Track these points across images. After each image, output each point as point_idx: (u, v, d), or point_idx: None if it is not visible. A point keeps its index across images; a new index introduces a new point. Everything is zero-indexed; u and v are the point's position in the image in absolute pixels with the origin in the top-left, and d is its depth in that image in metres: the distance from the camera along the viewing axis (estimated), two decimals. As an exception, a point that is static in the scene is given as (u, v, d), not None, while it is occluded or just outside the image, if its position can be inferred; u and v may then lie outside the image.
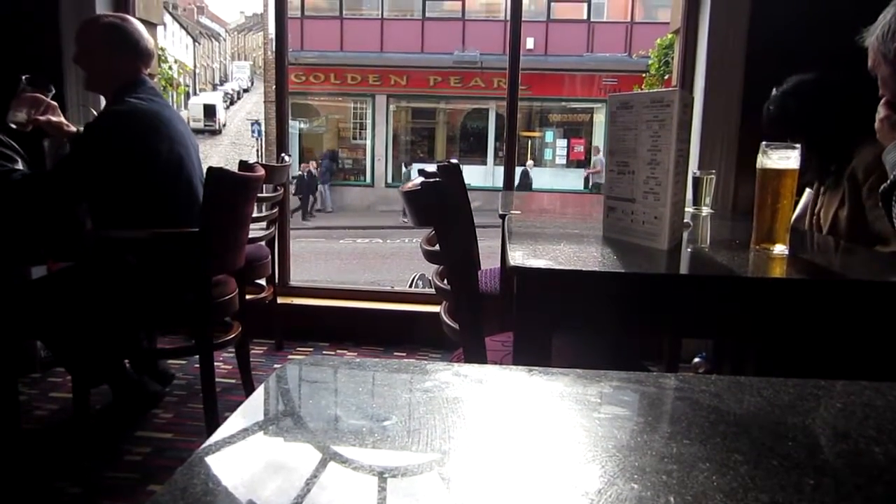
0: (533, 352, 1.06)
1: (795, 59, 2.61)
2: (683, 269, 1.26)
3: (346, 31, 16.56)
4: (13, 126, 2.06)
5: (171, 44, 27.71)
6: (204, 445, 0.45)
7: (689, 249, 1.39)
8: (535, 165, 16.68)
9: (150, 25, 3.18)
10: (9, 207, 1.87)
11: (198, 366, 1.96)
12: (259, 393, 0.57)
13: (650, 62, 11.16)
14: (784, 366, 1.47)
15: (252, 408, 0.56)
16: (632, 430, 0.49)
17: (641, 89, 10.08)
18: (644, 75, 11.89)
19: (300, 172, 15.51)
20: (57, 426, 2.22)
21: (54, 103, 2.11)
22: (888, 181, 1.40)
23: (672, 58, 3.51)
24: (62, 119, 2.12)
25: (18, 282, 2.34)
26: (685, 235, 1.50)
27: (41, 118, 2.04)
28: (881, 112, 1.54)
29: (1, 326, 1.92)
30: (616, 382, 0.58)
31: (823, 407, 0.53)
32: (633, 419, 0.51)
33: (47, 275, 2.35)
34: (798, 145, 1.26)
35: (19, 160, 2.13)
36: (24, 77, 2.10)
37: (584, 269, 1.06)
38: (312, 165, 16.08)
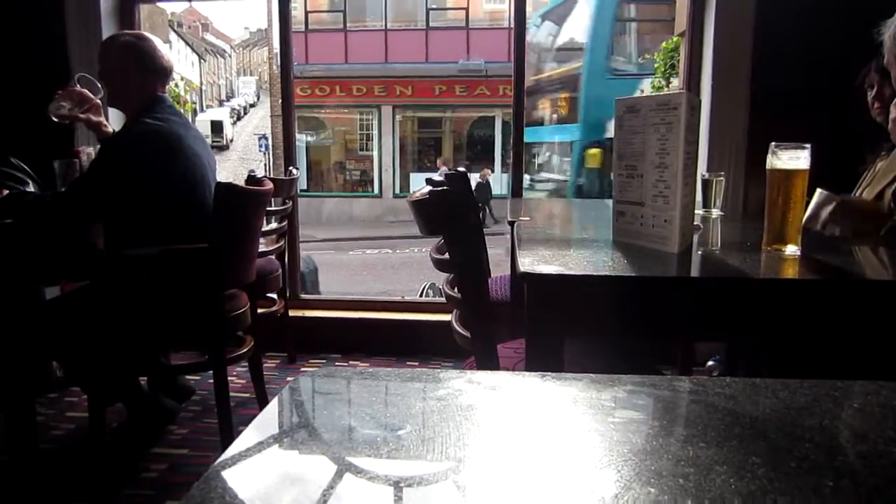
0: (545, 358, 1.06)
1: (802, 59, 2.61)
2: (695, 271, 1.25)
3: (350, 43, 16.67)
4: (53, 118, 2.13)
5: (177, 62, 27.96)
6: (220, 460, 0.46)
7: (699, 252, 1.38)
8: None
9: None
10: (22, 229, 1.89)
11: (211, 381, 1.97)
12: (273, 406, 0.57)
13: (656, 65, 11.14)
14: (799, 367, 1.45)
15: (266, 421, 0.56)
16: (647, 434, 0.49)
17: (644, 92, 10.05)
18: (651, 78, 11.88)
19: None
20: (74, 445, 2.23)
21: (99, 103, 2.21)
22: None
23: (678, 60, 3.50)
24: (102, 119, 2.20)
25: (33, 302, 2.36)
26: (696, 238, 1.49)
27: (81, 116, 2.15)
28: (894, 112, 1.54)
29: (17, 347, 1.93)
30: (630, 387, 0.58)
31: (840, 408, 0.53)
32: (648, 423, 0.51)
33: (61, 295, 2.37)
34: (808, 145, 1.25)
35: (30, 182, 2.16)
36: (77, 75, 2.20)
37: (594, 273, 1.06)
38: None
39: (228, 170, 23.45)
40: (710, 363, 2.72)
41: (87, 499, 1.86)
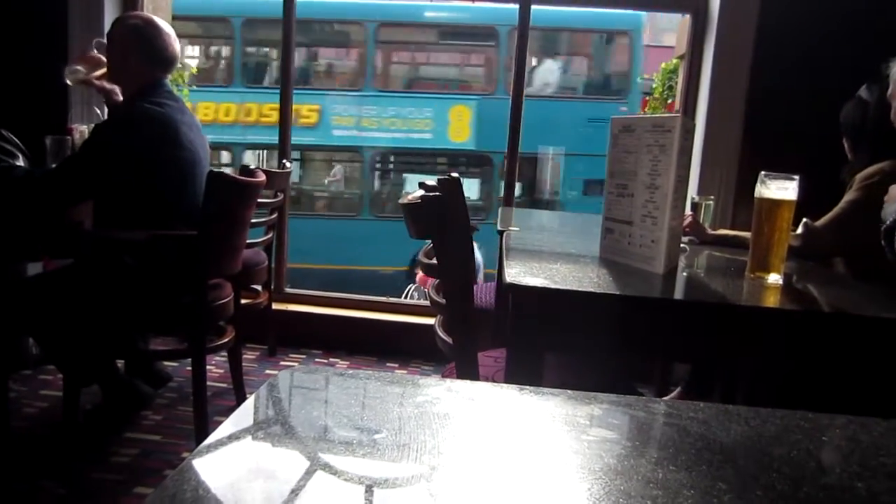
0: (525, 370, 1.06)
1: (799, 91, 2.65)
2: (678, 294, 1.27)
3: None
4: (68, 82, 2.13)
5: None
6: (195, 451, 0.46)
7: (684, 274, 1.40)
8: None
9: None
10: (8, 204, 1.87)
11: (190, 368, 1.96)
12: (251, 400, 0.57)
13: (654, 86, 11.22)
14: (773, 395, 1.47)
15: (244, 415, 0.56)
16: (619, 454, 0.49)
17: (644, 112, 10.12)
18: (647, 98, 11.95)
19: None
20: (46, 424, 2.21)
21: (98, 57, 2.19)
22: (891, 220, 1.42)
23: (676, 82, 3.54)
24: (115, 87, 2.19)
25: (13, 278, 2.34)
26: (682, 260, 1.51)
27: (96, 81, 2.15)
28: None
29: (-6, 321, 1.91)
30: (606, 405, 0.59)
31: (809, 440, 0.54)
32: (620, 443, 0.52)
33: (43, 272, 2.35)
34: (797, 176, 1.27)
35: (20, 156, 2.14)
36: (95, 40, 2.21)
37: (579, 289, 1.07)
38: None
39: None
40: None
41: (55, 478, 1.84)
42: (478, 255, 5.86)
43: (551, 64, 8.80)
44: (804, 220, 1.78)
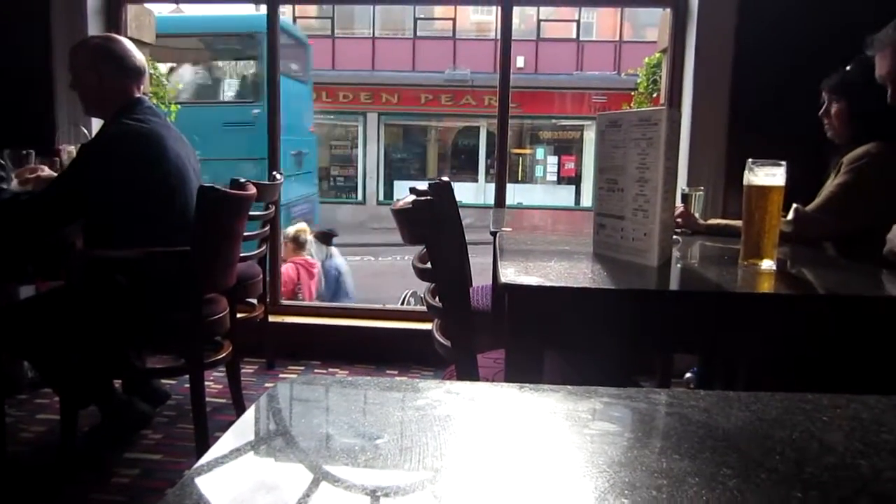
0: (525, 368, 1.06)
1: (781, 77, 2.67)
2: (673, 285, 1.27)
3: (337, 50, 16.66)
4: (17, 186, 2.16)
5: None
6: (195, 466, 0.45)
7: (678, 265, 1.40)
8: (524, 182, 16.78)
9: (143, 45, 3.20)
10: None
11: (188, 385, 1.94)
12: (250, 413, 0.57)
13: (639, 80, 11.29)
14: (775, 380, 1.47)
15: (243, 428, 0.56)
16: (622, 446, 0.49)
17: (630, 107, 10.18)
18: (633, 93, 12.03)
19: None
20: (44, 448, 2.19)
21: (38, 167, 2.19)
22: None
23: (660, 76, 3.55)
24: (51, 172, 2.17)
25: (5, 301, 2.32)
26: (675, 251, 1.51)
27: (31, 177, 2.12)
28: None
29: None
30: (607, 398, 0.59)
31: (810, 421, 0.54)
32: (623, 435, 0.52)
33: (36, 294, 2.33)
34: (784, 162, 1.28)
35: (8, 179, 2.13)
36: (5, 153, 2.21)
37: (574, 285, 1.07)
38: None
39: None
40: (689, 375, 2.74)
41: (55, 503, 1.83)
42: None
43: (186, 70, 8.42)
44: (794, 205, 1.79)
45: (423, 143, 18.21)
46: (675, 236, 1.60)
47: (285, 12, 16.08)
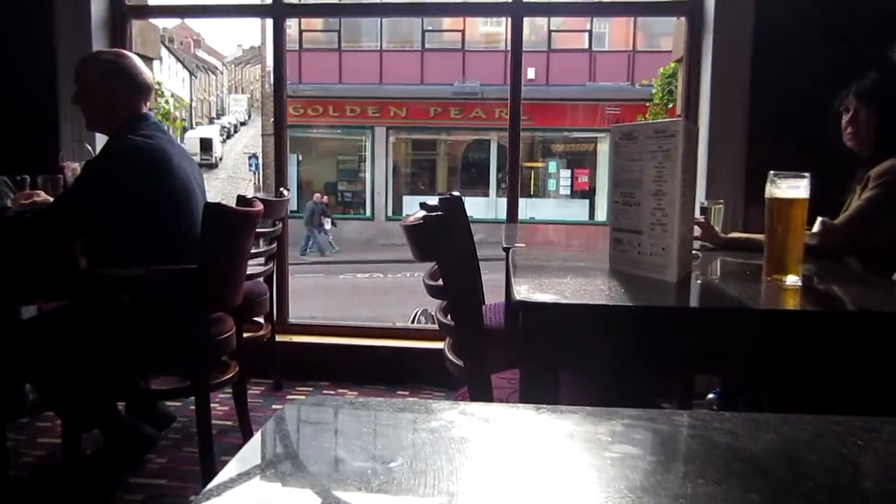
0: (540, 389, 1.06)
1: (802, 85, 2.66)
2: (693, 301, 1.26)
3: (344, 63, 16.84)
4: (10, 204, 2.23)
5: (167, 78, 28.21)
6: (202, 492, 0.45)
7: (698, 281, 1.39)
8: (536, 196, 16.79)
9: (147, 60, 3.25)
10: (2, 246, 1.88)
11: (193, 408, 1.94)
12: (258, 437, 0.57)
13: (653, 91, 11.31)
14: (801, 402, 1.45)
15: (251, 452, 0.56)
16: (644, 471, 0.49)
17: (645, 118, 10.18)
18: (647, 104, 12.04)
19: (311, 202, 15.59)
20: (46, 473, 2.19)
21: (33, 192, 2.26)
22: None
23: (675, 86, 3.56)
24: (47, 197, 2.22)
25: (8, 322, 2.34)
26: (695, 267, 1.50)
27: (27, 202, 2.18)
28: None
29: (-10, 369, 1.91)
30: (627, 420, 0.58)
31: (843, 444, 0.53)
32: (645, 458, 0.51)
33: (38, 315, 2.35)
34: (807, 174, 1.27)
35: (11, 196, 2.16)
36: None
37: (591, 302, 1.06)
38: (317, 197, 16.04)
39: (217, 189, 23.47)
40: (711, 396, 2.71)
41: (58, 531, 1.83)
42: None
43: None
44: (821, 218, 1.78)
45: (432, 157, 18.29)
46: (694, 251, 1.59)
47: (291, 25, 16.30)
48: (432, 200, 1.62)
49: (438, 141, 18.01)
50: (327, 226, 15.87)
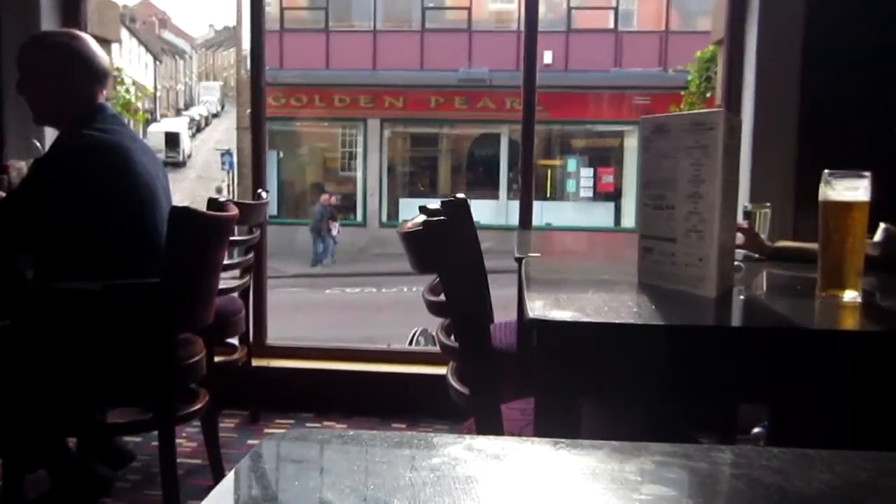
0: (558, 421, 1.06)
1: (860, 73, 2.67)
2: (736, 320, 1.26)
3: (332, 46, 16.94)
4: None
5: (128, 63, 28.37)
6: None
7: (741, 297, 1.39)
8: (553, 199, 16.81)
9: (105, 42, 3.28)
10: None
11: (156, 444, 1.95)
12: (231, 477, 0.57)
13: (689, 78, 11.33)
14: (860, 437, 1.45)
15: (222, 495, 0.56)
16: (679, 515, 0.49)
17: (680, 109, 10.20)
18: (682, 93, 12.06)
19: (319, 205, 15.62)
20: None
21: None
22: None
23: (715, 73, 3.57)
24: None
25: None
26: (737, 280, 1.50)
27: None
28: None
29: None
30: (659, 457, 0.58)
31: (909, 485, 0.53)
32: (680, 501, 0.51)
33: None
34: (867, 174, 1.27)
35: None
36: None
37: (616, 321, 1.06)
38: (325, 199, 16.04)
39: (185, 190, 23.56)
40: (757, 430, 2.70)
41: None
42: None
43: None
44: (883, 224, 1.78)
45: (433, 154, 18.35)
46: (736, 262, 1.59)
47: (271, 2, 16.43)
48: (433, 204, 1.62)
49: (440, 135, 18.09)
50: (334, 231, 15.88)
